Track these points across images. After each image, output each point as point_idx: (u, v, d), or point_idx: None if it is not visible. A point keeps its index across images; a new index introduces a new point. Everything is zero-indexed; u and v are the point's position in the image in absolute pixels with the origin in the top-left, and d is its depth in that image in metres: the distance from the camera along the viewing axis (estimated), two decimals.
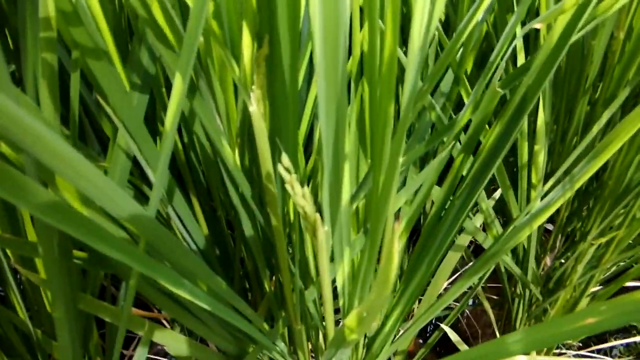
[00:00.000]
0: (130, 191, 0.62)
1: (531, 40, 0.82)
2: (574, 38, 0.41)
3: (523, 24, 0.81)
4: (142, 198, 0.57)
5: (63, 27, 0.35)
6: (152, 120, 0.61)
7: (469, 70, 0.74)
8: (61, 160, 0.24)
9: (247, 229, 0.50)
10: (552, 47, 0.42)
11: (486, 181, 0.47)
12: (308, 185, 0.52)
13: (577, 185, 0.48)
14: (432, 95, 0.67)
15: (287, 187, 0.34)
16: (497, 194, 0.79)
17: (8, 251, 0.50)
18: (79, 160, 0.25)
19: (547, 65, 0.42)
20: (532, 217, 0.50)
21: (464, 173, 0.51)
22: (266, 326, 0.53)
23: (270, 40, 0.35)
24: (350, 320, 0.30)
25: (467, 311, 1.12)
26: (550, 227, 0.95)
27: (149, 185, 0.59)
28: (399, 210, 0.64)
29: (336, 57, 0.29)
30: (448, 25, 0.83)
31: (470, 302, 1.13)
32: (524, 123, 0.69)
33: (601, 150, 0.46)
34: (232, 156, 0.44)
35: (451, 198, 0.51)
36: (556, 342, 0.37)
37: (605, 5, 0.43)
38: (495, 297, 1.13)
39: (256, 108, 0.37)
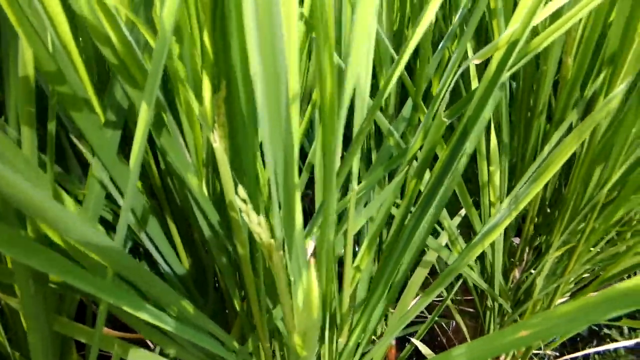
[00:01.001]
0: (109, 215, 0.65)
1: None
2: (508, 74, 0.45)
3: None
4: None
5: (45, 77, 0.39)
6: (127, 150, 0.65)
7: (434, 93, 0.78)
8: (41, 210, 0.27)
9: (216, 253, 0.53)
10: (489, 80, 0.46)
11: (436, 200, 0.51)
12: (269, 212, 0.55)
13: (522, 206, 0.51)
14: (395, 119, 0.71)
15: (244, 216, 0.37)
16: (463, 212, 0.83)
17: None
18: (54, 207, 0.28)
19: (484, 96, 0.46)
20: (483, 236, 0.53)
21: (421, 190, 0.54)
22: (236, 345, 0.55)
23: (227, 84, 0.39)
24: (296, 338, 0.33)
25: (445, 325, 1.15)
26: (518, 240, 0.99)
27: None
28: (365, 227, 0.67)
29: (278, 99, 0.32)
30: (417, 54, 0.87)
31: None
32: (481, 145, 0.73)
33: (540, 173, 0.50)
34: (198, 186, 0.47)
35: (408, 217, 0.54)
36: (496, 353, 0.40)
37: (536, 43, 0.47)
38: (471, 310, 1.16)
39: (219, 144, 0.41)
